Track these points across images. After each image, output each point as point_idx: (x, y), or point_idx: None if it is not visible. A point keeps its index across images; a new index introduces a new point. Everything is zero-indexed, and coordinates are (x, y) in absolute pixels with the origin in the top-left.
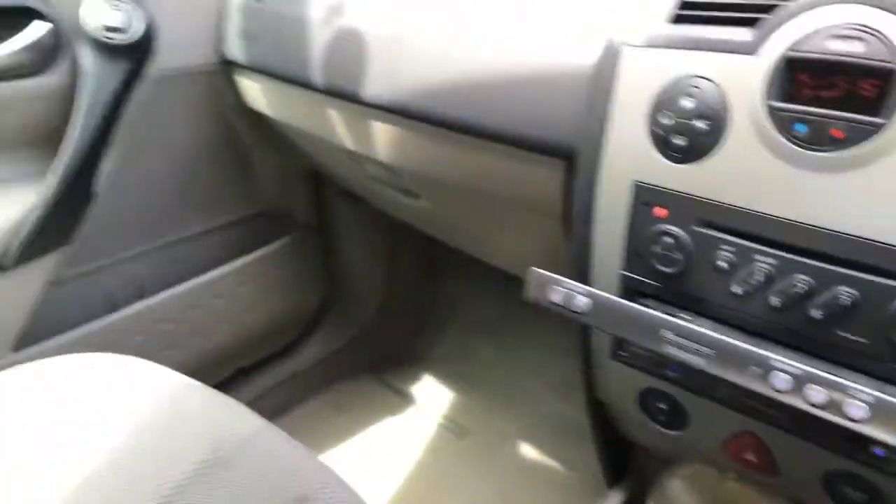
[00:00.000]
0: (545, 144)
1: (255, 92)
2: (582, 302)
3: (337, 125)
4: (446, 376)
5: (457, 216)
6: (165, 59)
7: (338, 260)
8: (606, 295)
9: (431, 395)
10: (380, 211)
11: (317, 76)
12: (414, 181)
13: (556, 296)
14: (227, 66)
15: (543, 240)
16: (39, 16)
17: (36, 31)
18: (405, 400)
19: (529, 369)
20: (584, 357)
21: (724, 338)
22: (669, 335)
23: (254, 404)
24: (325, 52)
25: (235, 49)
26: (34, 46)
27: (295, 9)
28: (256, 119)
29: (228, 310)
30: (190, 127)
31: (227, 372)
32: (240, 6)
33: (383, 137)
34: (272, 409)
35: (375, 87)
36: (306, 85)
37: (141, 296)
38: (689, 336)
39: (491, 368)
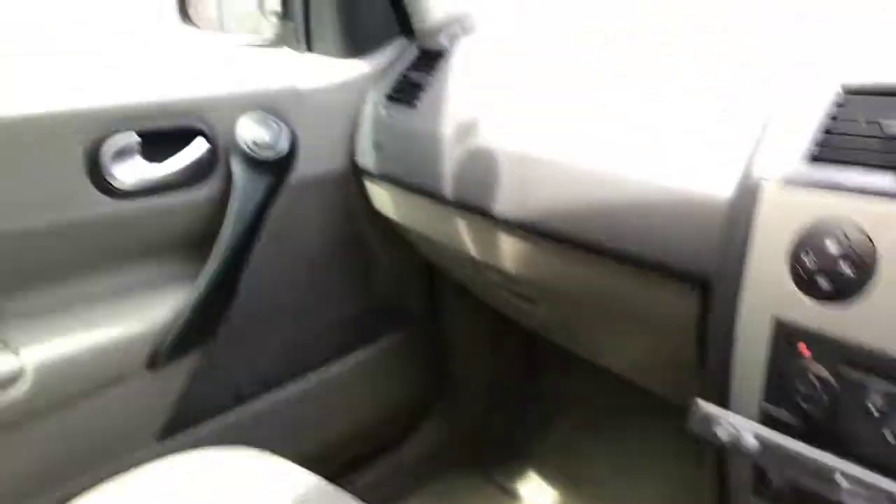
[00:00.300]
0: (678, 270)
1: (382, 198)
2: (751, 442)
3: (462, 234)
4: (551, 473)
5: (574, 323)
6: (304, 167)
7: (447, 352)
8: (777, 435)
9: (536, 492)
10: (489, 305)
11: (445, 189)
12: (535, 290)
13: (723, 432)
14: (358, 173)
15: (668, 353)
16: (201, 134)
17: (198, 148)
18: (509, 496)
19: (636, 470)
20: (720, 490)
21: None
22: (844, 482)
23: (363, 496)
24: (454, 167)
25: (366, 158)
26: (196, 161)
27: (426, 125)
28: (382, 221)
29: (344, 401)
30: (322, 228)
31: (339, 462)
32: (372, 118)
33: (508, 249)
34: (381, 501)
35: (505, 203)
36: (434, 196)
37: (266, 388)
38: (867, 485)
39: (596, 467)
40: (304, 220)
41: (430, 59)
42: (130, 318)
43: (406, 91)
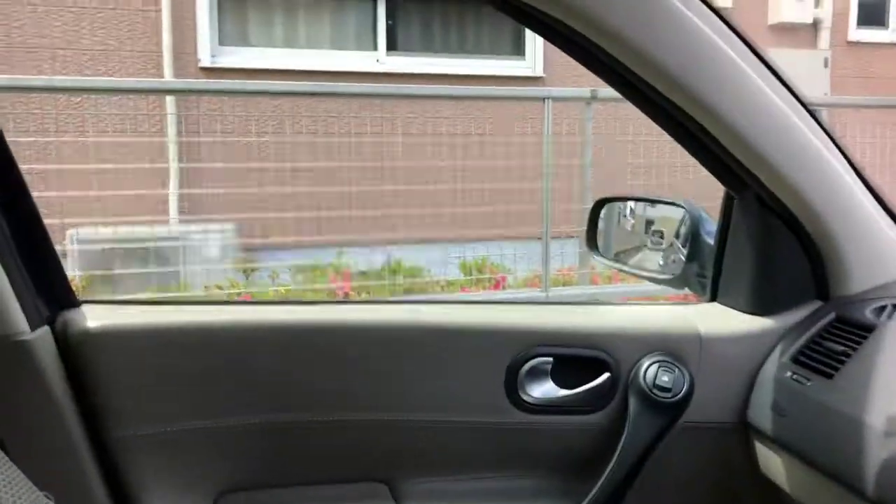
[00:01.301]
0: None
1: (774, 463)
2: None
3: None
4: None
5: None
6: (694, 413)
7: None
8: None
9: None
10: None
11: (866, 486)
12: None
13: None
14: (749, 431)
15: None
16: (604, 365)
17: (601, 378)
18: None
19: None
20: None
21: None
22: None
23: None
24: (882, 467)
25: (762, 418)
26: (597, 390)
27: (847, 404)
28: (766, 487)
29: None
30: (696, 477)
31: None
32: (774, 378)
33: None
34: None
35: None
36: (850, 487)
37: None
38: None
39: None
40: (681, 465)
41: (852, 329)
42: None
43: (820, 359)
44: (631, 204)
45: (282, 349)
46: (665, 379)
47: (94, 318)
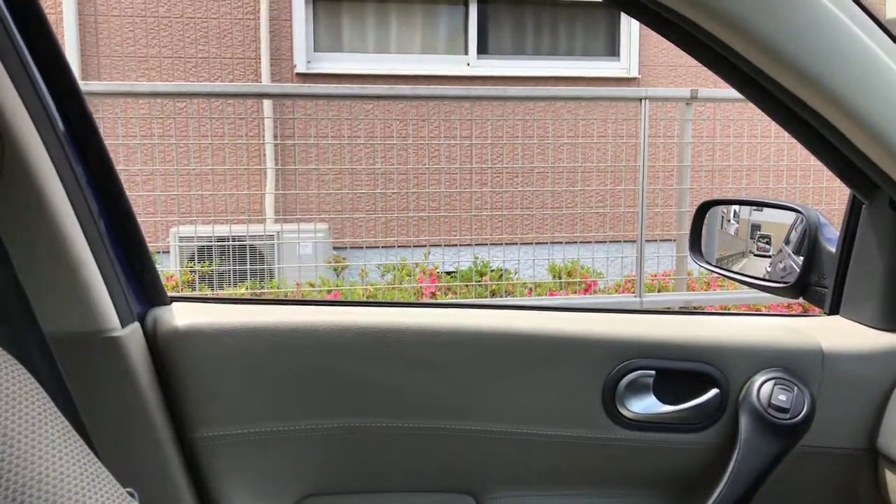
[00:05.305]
0: None
1: None
2: None
3: None
4: None
5: None
6: (815, 437)
7: None
8: None
9: None
10: None
11: None
12: None
13: None
14: (878, 459)
15: None
16: (712, 380)
17: (709, 395)
18: None
19: None
20: None
21: None
22: None
23: None
24: None
25: (894, 445)
26: (703, 407)
27: None
28: None
29: None
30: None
31: None
32: None
33: None
34: None
35: None
36: None
37: None
38: None
39: None
40: (798, 494)
41: None
42: None
43: None
44: (735, 207)
45: (368, 352)
46: (782, 398)
47: (182, 316)
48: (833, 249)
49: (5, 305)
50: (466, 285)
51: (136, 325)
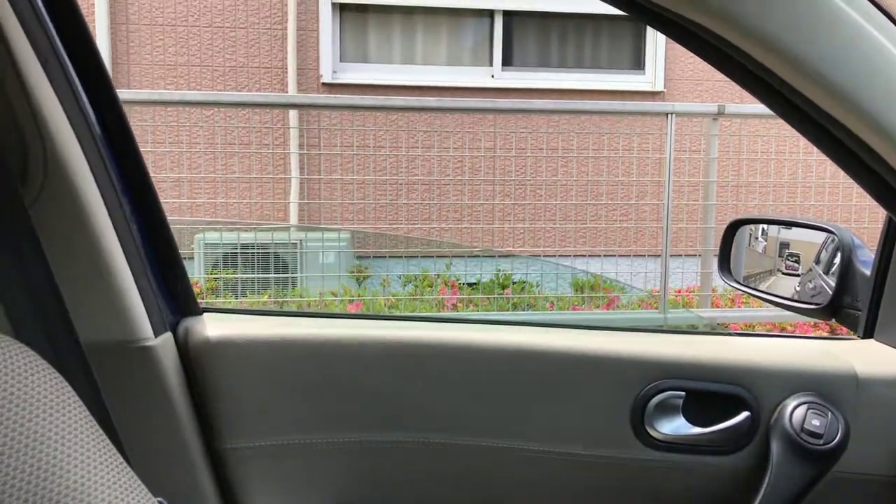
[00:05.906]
0: None
1: None
2: None
3: None
4: None
5: None
6: (851, 463)
7: None
8: None
9: None
10: None
11: None
12: None
13: None
14: None
15: None
16: (743, 403)
17: (739, 417)
18: None
19: None
20: None
21: None
22: None
23: None
24: None
25: None
26: (734, 430)
27: None
28: None
29: None
30: None
31: None
32: None
33: None
34: None
35: None
36: None
37: None
38: None
39: None
40: None
41: None
42: None
43: None
44: (764, 225)
45: (396, 367)
46: (816, 423)
47: (214, 326)
48: (867, 272)
49: (43, 313)
50: (488, 297)
51: (169, 334)
